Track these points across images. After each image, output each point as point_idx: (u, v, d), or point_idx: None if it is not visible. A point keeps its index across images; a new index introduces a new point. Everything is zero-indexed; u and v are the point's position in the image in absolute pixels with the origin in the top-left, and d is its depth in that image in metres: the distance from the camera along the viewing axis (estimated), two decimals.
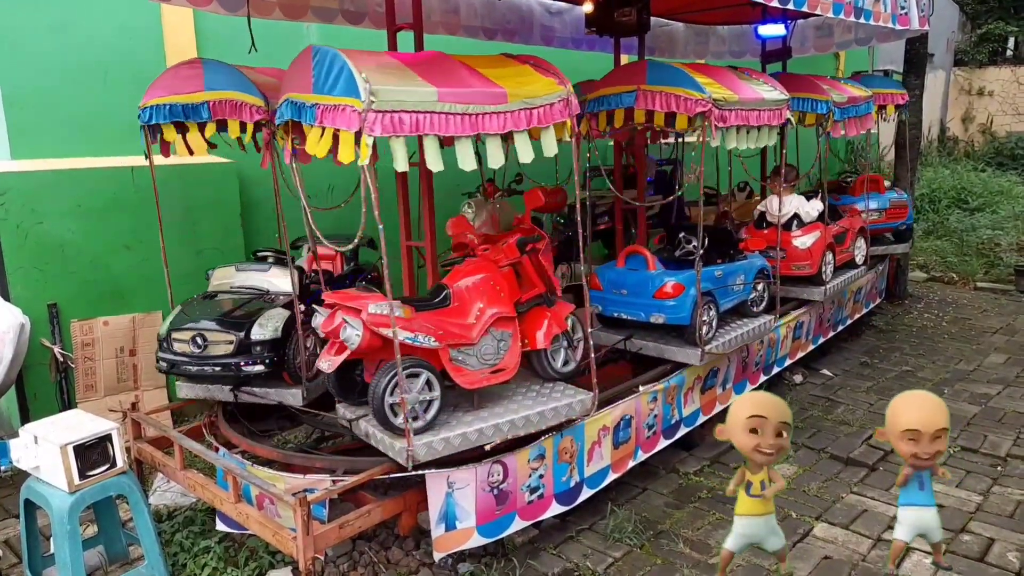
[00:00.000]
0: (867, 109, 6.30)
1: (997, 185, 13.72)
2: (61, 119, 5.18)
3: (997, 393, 6.08)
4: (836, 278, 6.45)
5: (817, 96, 5.59)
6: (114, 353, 5.25)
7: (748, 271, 5.36)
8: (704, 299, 4.70)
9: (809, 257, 6.14)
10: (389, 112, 2.93)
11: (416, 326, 3.55)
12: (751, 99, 4.47)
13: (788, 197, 6.15)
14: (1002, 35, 19.36)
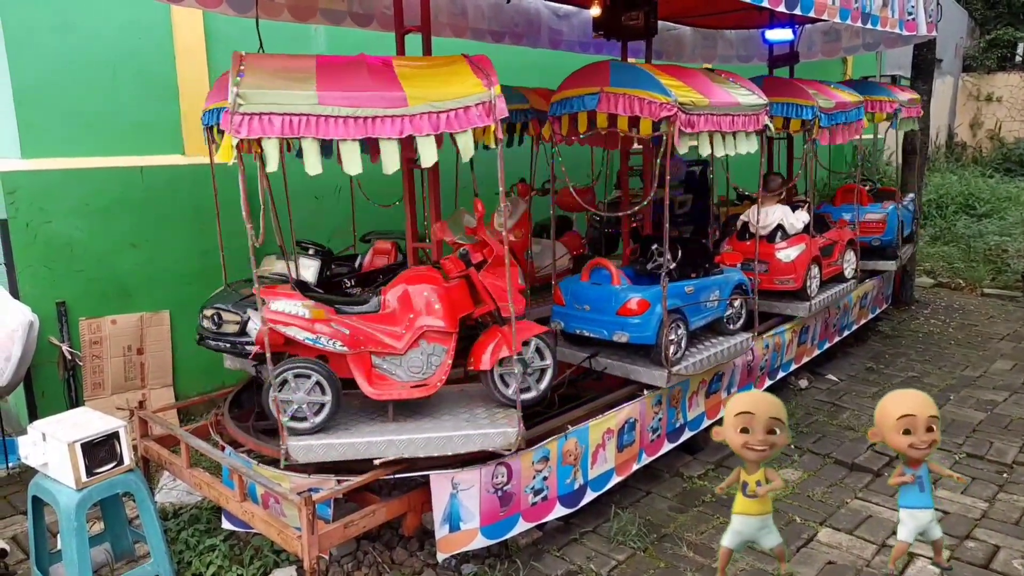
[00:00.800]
0: (857, 115, 6.04)
1: (1005, 191, 13.69)
2: (71, 118, 5.21)
3: (1003, 400, 6.05)
4: (822, 293, 6.16)
5: (802, 101, 5.38)
6: (122, 351, 5.28)
7: (724, 286, 5.02)
8: (672, 317, 4.45)
9: (793, 271, 5.82)
10: (257, 115, 3.00)
11: (322, 328, 3.51)
12: (724, 103, 4.26)
13: (772, 207, 5.93)
14: (1011, 41, 19.31)
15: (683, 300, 4.64)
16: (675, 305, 4.52)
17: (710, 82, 4.39)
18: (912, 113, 7.47)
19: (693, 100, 4.03)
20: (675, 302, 4.52)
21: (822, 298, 6.09)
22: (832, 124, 5.65)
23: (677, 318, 4.56)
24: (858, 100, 6.10)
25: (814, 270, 6.03)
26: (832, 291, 6.30)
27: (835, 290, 6.36)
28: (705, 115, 4.10)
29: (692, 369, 4.55)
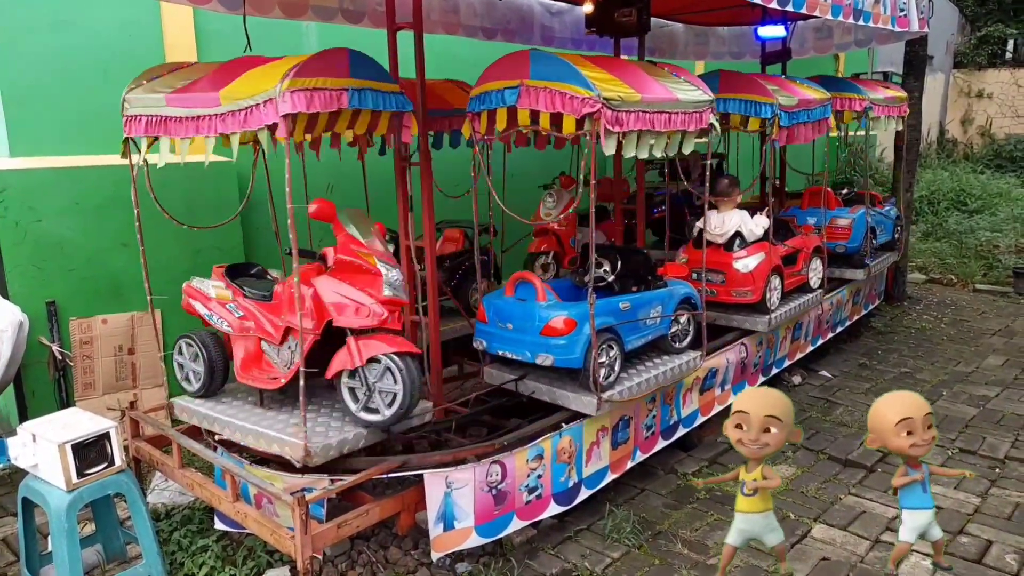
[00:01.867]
0: (822, 114, 5.60)
1: (996, 187, 13.75)
2: (60, 117, 5.17)
3: (995, 395, 6.08)
4: (785, 305, 5.69)
5: (760, 98, 5.01)
6: (113, 351, 5.25)
7: (668, 301, 4.57)
8: (603, 337, 4.00)
9: (751, 282, 5.36)
10: (134, 116, 3.80)
11: (216, 308, 4.02)
12: (660, 100, 3.83)
13: (729, 213, 5.50)
14: (1001, 37, 19.40)
15: (617, 318, 4.17)
16: (607, 324, 4.07)
17: (646, 76, 3.98)
18: (890, 112, 6.99)
19: (621, 95, 3.59)
20: (607, 320, 4.08)
21: (784, 311, 5.62)
22: (794, 123, 5.23)
23: (609, 338, 4.09)
24: (824, 97, 5.66)
25: (775, 281, 5.57)
26: (795, 303, 5.83)
27: (799, 302, 5.89)
28: (636, 112, 3.66)
29: (627, 394, 4.10)
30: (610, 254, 4.63)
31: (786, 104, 5.11)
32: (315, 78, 3.24)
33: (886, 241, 7.63)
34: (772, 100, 5.01)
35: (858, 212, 6.96)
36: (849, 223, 6.87)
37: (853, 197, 7.44)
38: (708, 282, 5.18)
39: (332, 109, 3.33)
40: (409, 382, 3.49)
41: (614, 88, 3.59)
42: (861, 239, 6.91)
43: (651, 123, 3.77)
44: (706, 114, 4.11)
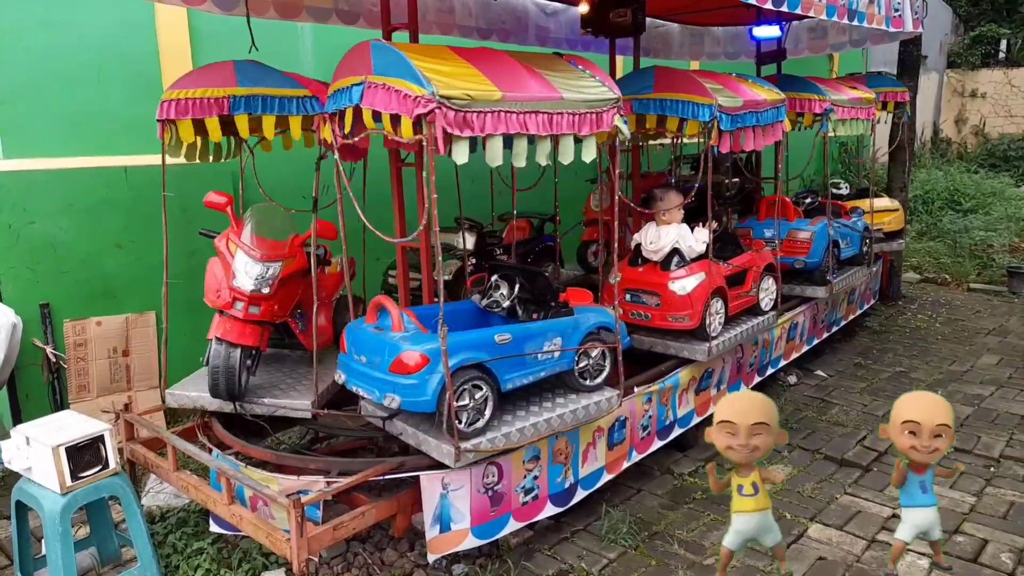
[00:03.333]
0: (774, 116, 5.03)
1: (990, 187, 13.80)
2: (53, 118, 5.15)
3: (990, 394, 6.10)
4: (729, 331, 5.06)
5: (698, 99, 4.45)
6: (107, 353, 5.23)
7: (571, 332, 3.88)
8: (466, 375, 3.41)
9: (689, 305, 4.73)
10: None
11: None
12: (533, 98, 3.22)
13: (667, 227, 4.92)
14: (995, 37, 19.47)
15: (491, 352, 3.53)
16: (475, 360, 3.46)
17: (524, 71, 3.38)
18: (856, 114, 6.30)
19: (471, 93, 3.02)
20: (476, 355, 3.46)
21: (726, 338, 4.97)
22: (738, 127, 4.64)
23: (475, 377, 3.45)
24: (776, 98, 5.08)
25: (716, 304, 4.94)
26: (741, 328, 5.18)
27: (745, 327, 5.21)
28: (493, 112, 3.08)
29: (499, 443, 3.50)
30: (510, 276, 4.10)
31: (728, 105, 4.51)
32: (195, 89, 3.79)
33: (853, 255, 6.95)
34: (711, 101, 4.41)
35: (818, 224, 6.36)
36: (809, 236, 6.28)
37: (816, 207, 6.80)
38: (642, 305, 4.85)
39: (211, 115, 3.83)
40: (217, 365, 3.91)
41: (464, 84, 3.05)
42: (822, 254, 6.28)
43: (520, 125, 3.17)
44: (608, 115, 3.46)
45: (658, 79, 4.66)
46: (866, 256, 7.18)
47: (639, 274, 4.98)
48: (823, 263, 6.31)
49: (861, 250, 7.10)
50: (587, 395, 3.96)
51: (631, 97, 4.60)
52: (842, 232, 6.70)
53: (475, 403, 3.47)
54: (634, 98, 4.66)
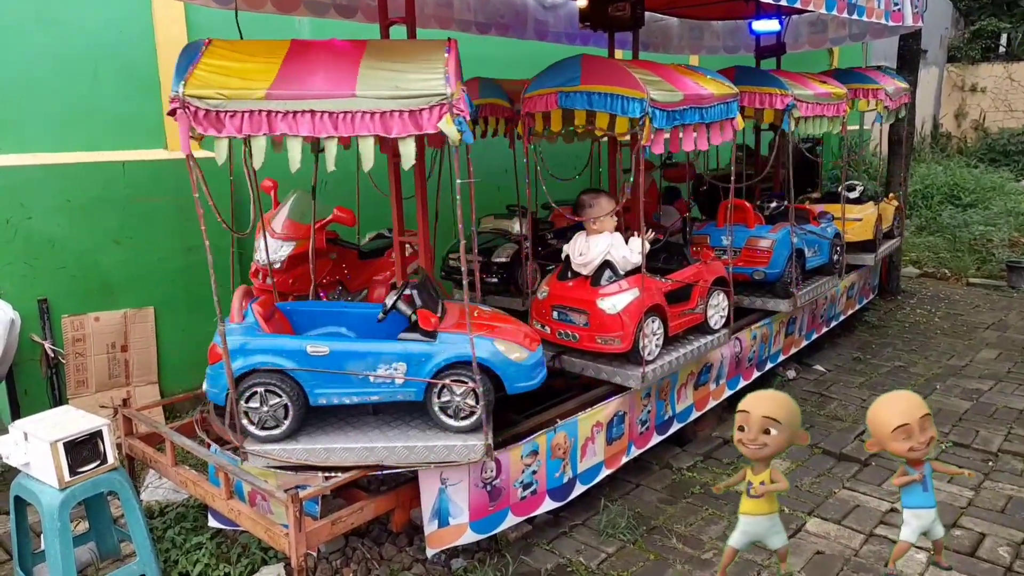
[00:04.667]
0: (724, 113, 4.46)
1: (989, 181, 13.78)
2: (50, 113, 5.14)
3: (989, 388, 6.10)
4: (670, 353, 4.50)
5: (627, 92, 3.88)
6: (105, 349, 5.23)
7: (419, 360, 3.35)
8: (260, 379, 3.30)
9: (620, 326, 4.19)
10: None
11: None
12: (308, 96, 2.85)
13: (597, 236, 4.39)
14: (995, 32, 19.42)
15: (298, 362, 3.28)
16: (274, 365, 3.28)
17: (343, 65, 3.05)
18: (824, 111, 5.71)
19: (225, 92, 2.79)
20: (275, 361, 3.27)
21: (666, 362, 4.40)
22: (675, 124, 4.05)
23: (271, 383, 3.28)
24: (726, 93, 4.50)
25: (653, 324, 4.36)
26: (684, 349, 4.61)
27: (689, 348, 4.64)
28: (250, 112, 2.83)
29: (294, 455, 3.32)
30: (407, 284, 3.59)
31: (663, 100, 3.92)
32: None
33: (821, 264, 6.37)
34: (641, 94, 3.83)
35: (780, 231, 5.79)
36: (769, 244, 5.71)
37: (782, 211, 6.18)
38: (570, 324, 4.40)
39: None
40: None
41: (227, 83, 2.83)
42: (783, 264, 5.69)
43: (290, 126, 2.87)
44: (429, 114, 2.90)
45: (585, 69, 4.11)
46: (836, 265, 6.58)
47: (567, 289, 4.44)
48: (785, 274, 5.72)
49: (831, 259, 6.48)
50: (449, 434, 3.43)
51: (557, 89, 4.14)
52: (809, 240, 6.13)
53: (270, 408, 3.31)
54: (560, 91, 4.14)
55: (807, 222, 6.28)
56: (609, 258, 4.34)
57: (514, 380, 3.48)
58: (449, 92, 2.91)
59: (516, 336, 3.57)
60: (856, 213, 7.18)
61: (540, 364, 3.63)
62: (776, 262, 5.70)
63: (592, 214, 4.42)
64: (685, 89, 4.16)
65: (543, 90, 4.20)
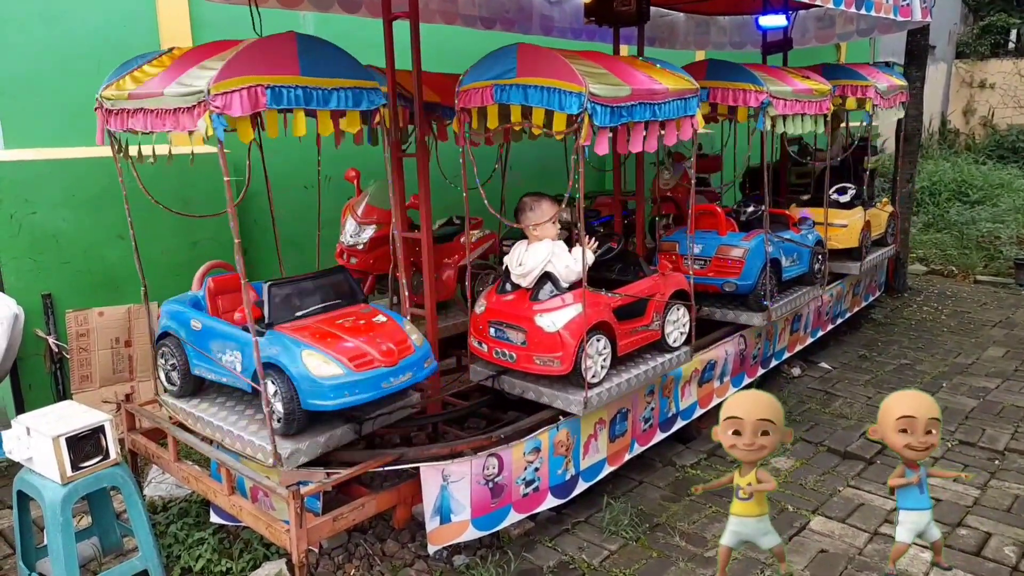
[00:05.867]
0: (680, 110, 3.99)
1: (998, 178, 13.70)
2: (54, 108, 5.14)
3: (996, 387, 6.06)
4: (620, 375, 4.09)
5: (564, 85, 3.44)
6: (109, 344, 5.23)
7: (247, 353, 3.45)
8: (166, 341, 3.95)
9: (559, 346, 3.77)
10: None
11: None
12: (144, 95, 3.13)
13: (538, 245, 3.99)
14: (1004, 27, 19.29)
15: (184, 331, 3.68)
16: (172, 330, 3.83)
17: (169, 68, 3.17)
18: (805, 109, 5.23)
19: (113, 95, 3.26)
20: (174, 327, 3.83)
21: (612, 385, 3.99)
22: (620, 122, 3.61)
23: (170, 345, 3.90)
24: (684, 88, 4.04)
25: (598, 343, 3.92)
26: (636, 371, 4.18)
27: (642, 369, 4.22)
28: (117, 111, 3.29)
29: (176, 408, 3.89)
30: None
31: (605, 95, 3.48)
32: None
33: (801, 274, 5.93)
34: (579, 88, 3.41)
35: (754, 239, 5.33)
36: (741, 253, 5.29)
37: (758, 217, 5.66)
38: (507, 343, 3.96)
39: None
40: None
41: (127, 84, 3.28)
42: (756, 275, 5.25)
43: (121, 124, 3.30)
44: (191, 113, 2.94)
45: (522, 60, 3.66)
46: (818, 275, 6.11)
47: (504, 304, 4.03)
48: (758, 285, 5.28)
49: (811, 268, 6.00)
50: (261, 434, 3.44)
51: (492, 83, 3.67)
52: (787, 248, 5.69)
53: (170, 367, 3.96)
54: (496, 84, 3.67)
55: (786, 228, 5.89)
56: (550, 269, 3.95)
57: (308, 395, 3.30)
58: (201, 90, 2.85)
59: (343, 352, 3.40)
60: (842, 218, 6.73)
61: (354, 386, 3.36)
62: (748, 273, 5.27)
63: (531, 220, 4.02)
64: (634, 83, 3.74)
65: (478, 83, 3.76)
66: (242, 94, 2.91)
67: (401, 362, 3.51)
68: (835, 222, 6.61)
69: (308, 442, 3.38)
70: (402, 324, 3.72)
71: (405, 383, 3.54)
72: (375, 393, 3.42)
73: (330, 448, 3.47)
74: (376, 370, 3.42)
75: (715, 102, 4.91)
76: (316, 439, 3.41)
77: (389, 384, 3.46)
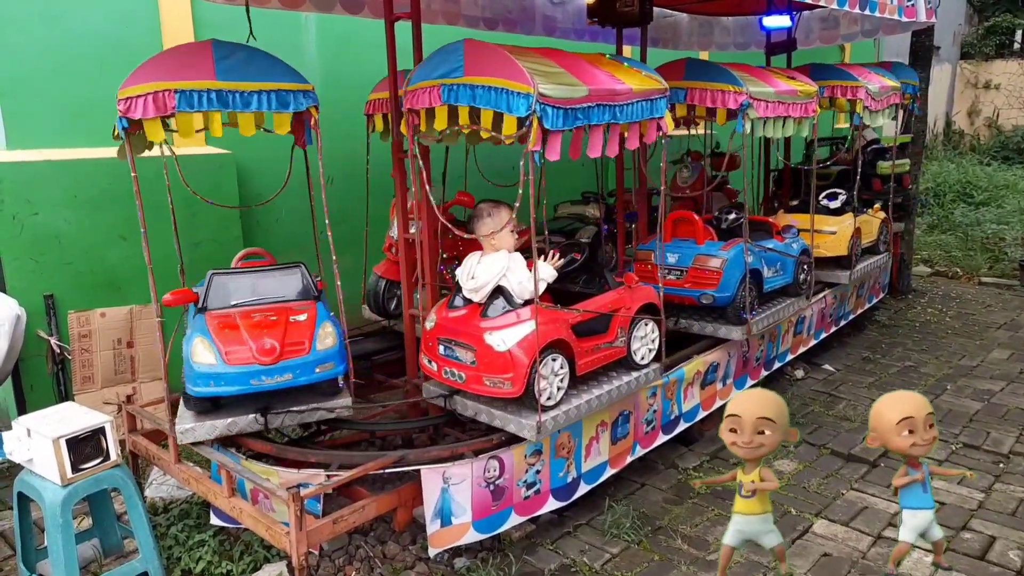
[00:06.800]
0: (647, 112, 3.75)
1: (1002, 179, 13.67)
2: (57, 109, 5.14)
3: (1000, 389, 6.03)
4: (580, 396, 3.82)
5: (512, 85, 3.22)
6: (111, 345, 5.23)
7: None
8: None
9: (510, 366, 3.52)
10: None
11: None
12: None
13: (493, 256, 3.72)
14: (1009, 28, 19.24)
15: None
16: None
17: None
18: (789, 112, 4.96)
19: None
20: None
21: (569, 408, 3.71)
22: (577, 124, 3.39)
23: None
24: (651, 88, 3.78)
25: (553, 362, 3.65)
26: (596, 393, 3.88)
27: (604, 390, 3.93)
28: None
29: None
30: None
31: (557, 95, 3.25)
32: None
33: (784, 285, 5.58)
34: (527, 89, 3.17)
35: (733, 249, 5.01)
36: (719, 264, 4.94)
37: (740, 224, 5.25)
38: (457, 361, 3.71)
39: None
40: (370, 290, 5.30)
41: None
42: (734, 286, 4.92)
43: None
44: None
45: (469, 58, 3.42)
46: (803, 286, 5.76)
47: (455, 320, 3.76)
48: (736, 297, 4.96)
49: (796, 278, 5.65)
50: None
51: (440, 82, 3.48)
52: (769, 257, 5.34)
53: None
54: (443, 83, 3.47)
55: (769, 236, 5.55)
56: (504, 283, 3.67)
57: (187, 379, 3.67)
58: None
59: (225, 344, 3.63)
60: (831, 225, 6.45)
61: (221, 378, 3.58)
62: (727, 284, 4.92)
63: (487, 228, 3.74)
64: (593, 83, 3.49)
65: (424, 83, 3.58)
66: (147, 99, 3.27)
67: (281, 363, 3.60)
68: (823, 229, 6.34)
69: (208, 424, 3.66)
70: (319, 327, 3.76)
71: (283, 383, 3.62)
72: (242, 388, 3.58)
73: (231, 433, 3.70)
74: (247, 366, 3.56)
75: (693, 103, 4.71)
76: (216, 422, 3.67)
77: (260, 382, 3.57)
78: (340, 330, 3.83)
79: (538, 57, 3.47)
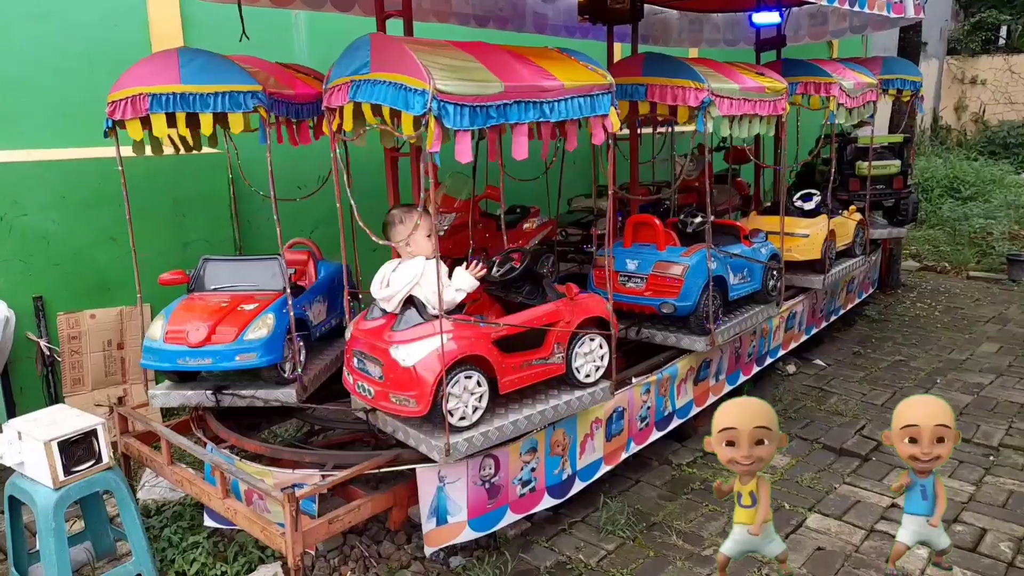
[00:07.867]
0: (587, 109, 3.40)
1: (989, 174, 13.77)
2: (45, 109, 5.10)
3: (989, 382, 6.08)
4: (504, 418, 3.50)
5: (408, 81, 2.96)
6: (101, 346, 5.19)
7: None
8: None
9: (415, 384, 3.24)
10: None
11: None
12: None
13: (409, 263, 3.45)
14: (995, 23, 19.39)
15: None
16: None
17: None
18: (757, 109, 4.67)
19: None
20: None
21: (492, 428, 3.42)
22: (490, 124, 3.09)
23: None
24: (594, 83, 3.44)
25: (467, 380, 3.33)
26: (525, 413, 3.56)
27: (536, 410, 3.61)
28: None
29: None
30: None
31: (462, 92, 2.97)
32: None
33: (752, 292, 5.29)
34: (423, 85, 2.89)
35: (695, 255, 4.72)
36: (681, 271, 4.64)
37: (703, 229, 4.91)
38: (367, 376, 3.49)
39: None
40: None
41: None
42: (696, 294, 4.63)
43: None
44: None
45: (375, 53, 3.22)
46: (772, 292, 5.46)
47: (368, 331, 3.51)
48: (699, 306, 4.67)
49: (765, 285, 5.35)
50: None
51: (350, 79, 3.28)
52: (735, 263, 5.06)
53: None
54: (353, 80, 3.26)
55: (737, 241, 5.27)
56: (416, 292, 3.41)
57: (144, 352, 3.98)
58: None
59: (175, 322, 3.95)
60: (803, 228, 6.17)
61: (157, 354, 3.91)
62: (688, 292, 4.62)
63: (401, 234, 3.51)
64: (511, 79, 3.17)
65: (338, 80, 3.38)
66: (126, 102, 3.62)
67: (204, 348, 3.86)
68: (795, 232, 6.06)
69: (172, 394, 4.02)
70: (259, 318, 3.93)
71: (201, 366, 3.92)
72: (170, 366, 3.92)
73: (187, 405, 4.06)
74: (176, 347, 3.87)
75: (653, 100, 4.43)
76: (177, 393, 4.01)
77: (185, 362, 3.88)
78: (285, 324, 3.94)
79: (454, 51, 3.22)
